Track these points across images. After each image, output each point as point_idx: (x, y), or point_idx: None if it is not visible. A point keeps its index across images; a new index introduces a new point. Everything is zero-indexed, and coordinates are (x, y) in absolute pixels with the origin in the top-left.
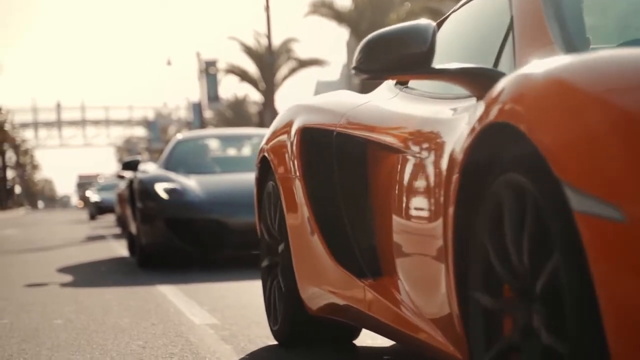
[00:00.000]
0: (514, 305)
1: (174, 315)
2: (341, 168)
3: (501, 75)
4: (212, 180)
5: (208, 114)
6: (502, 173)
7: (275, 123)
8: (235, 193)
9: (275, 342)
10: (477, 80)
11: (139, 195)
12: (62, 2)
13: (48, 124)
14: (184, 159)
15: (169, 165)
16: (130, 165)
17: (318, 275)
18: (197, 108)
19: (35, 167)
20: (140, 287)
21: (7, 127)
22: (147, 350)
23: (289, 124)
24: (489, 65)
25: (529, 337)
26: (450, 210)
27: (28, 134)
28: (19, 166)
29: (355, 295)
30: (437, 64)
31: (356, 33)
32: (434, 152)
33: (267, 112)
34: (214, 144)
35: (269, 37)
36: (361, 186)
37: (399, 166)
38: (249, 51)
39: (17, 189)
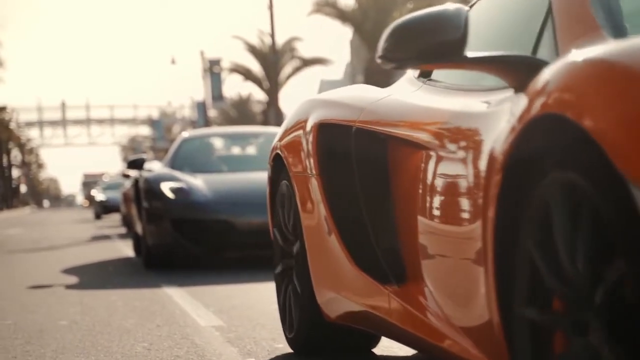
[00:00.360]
0: (566, 318)
1: (180, 317)
2: (361, 166)
3: (544, 63)
4: (219, 180)
5: (212, 113)
6: (550, 171)
7: (289, 119)
8: (243, 192)
9: (281, 345)
10: (517, 70)
11: (145, 194)
12: (65, 2)
13: (53, 123)
14: (190, 158)
15: (174, 164)
16: (136, 164)
17: (336, 280)
18: (201, 107)
19: (40, 166)
20: (145, 288)
21: (12, 125)
22: (152, 353)
23: (303, 120)
24: (526, 53)
25: (586, 355)
26: (491, 212)
27: (33, 133)
28: (24, 165)
29: (377, 301)
30: (469, 52)
31: (360, 32)
32: (468, 148)
33: (271, 111)
34: (220, 143)
35: (272, 36)
36: (382, 185)
37: (426, 164)
38: (252, 50)
39: (23, 188)
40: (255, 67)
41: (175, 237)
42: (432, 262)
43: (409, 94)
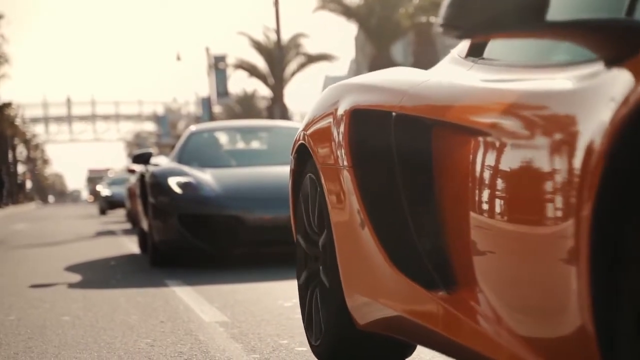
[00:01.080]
0: None
1: (183, 313)
2: (402, 156)
3: None
4: (229, 174)
5: (217, 109)
6: None
7: (317, 105)
8: (253, 187)
9: (286, 341)
10: (615, 37)
11: (151, 189)
12: None
13: (58, 119)
14: (198, 152)
15: (182, 158)
16: (142, 158)
17: (370, 283)
18: (206, 103)
19: (45, 161)
20: (148, 284)
21: (17, 122)
22: (156, 349)
23: (334, 107)
24: (618, 15)
25: None
26: (586, 211)
27: (38, 129)
28: (29, 161)
29: (418, 307)
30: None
31: (365, 28)
32: (546, 135)
33: (276, 107)
34: (229, 137)
35: (277, 32)
36: (427, 178)
37: (485, 153)
38: (258, 46)
39: (28, 184)
40: (261, 63)
41: (183, 234)
42: (491, 266)
43: (459, 75)
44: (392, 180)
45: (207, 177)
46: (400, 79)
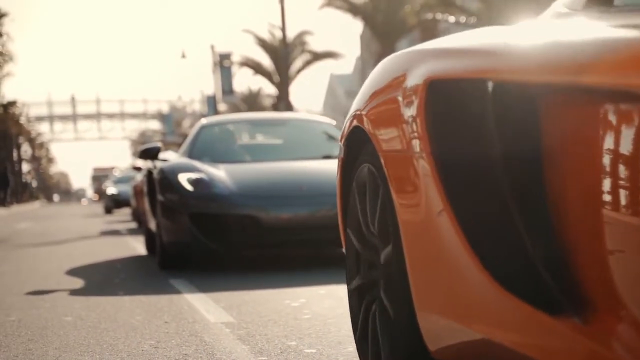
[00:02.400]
0: None
1: (188, 313)
2: (504, 137)
3: None
4: (243, 170)
5: (222, 107)
6: None
7: (376, 79)
8: (269, 184)
9: (294, 342)
10: None
11: (160, 186)
12: None
13: (63, 118)
14: (210, 146)
15: (192, 153)
16: (150, 153)
17: (456, 301)
18: (211, 101)
19: (50, 160)
20: (152, 283)
21: (22, 120)
22: (160, 351)
23: (401, 78)
24: None
25: None
26: None
27: (43, 128)
28: (34, 159)
29: (531, 338)
30: None
31: (371, 25)
32: None
33: (281, 105)
34: (243, 130)
35: (283, 29)
36: (540, 163)
37: (628, 128)
38: (263, 44)
39: (33, 182)
40: (266, 61)
41: (194, 234)
42: None
43: (582, 28)
44: (489, 168)
45: (220, 173)
46: (495, 38)
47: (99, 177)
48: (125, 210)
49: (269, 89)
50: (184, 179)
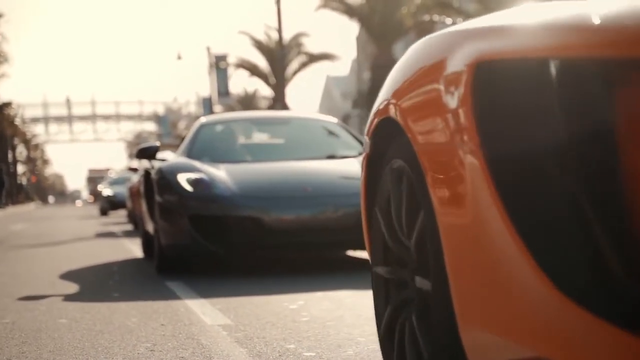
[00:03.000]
0: None
1: (184, 315)
2: (573, 125)
3: None
4: (245, 170)
5: (218, 108)
6: None
7: (409, 64)
8: (272, 185)
9: (293, 345)
10: None
11: (158, 187)
12: None
13: (58, 119)
14: (210, 146)
15: (192, 152)
16: (147, 153)
17: (506, 312)
18: (207, 103)
19: (45, 161)
20: (148, 284)
21: (17, 121)
22: (156, 354)
23: (441, 62)
24: None
25: None
26: None
27: (39, 129)
28: (29, 161)
29: (602, 354)
30: None
31: (367, 27)
32: None
33: (277, 107)
34: (243, 129)
35: (279, 31)
36: (616, 158)
37: None
38: (259, 46)
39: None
40: (262, 62)
41: (194, 237)
42: None
43: None
44: (552, 163)
45: (221, 173)
46: (556, 13)
47: (94, 179)
48: (121, 212)
49: (265, 91)
50: (183, 179)
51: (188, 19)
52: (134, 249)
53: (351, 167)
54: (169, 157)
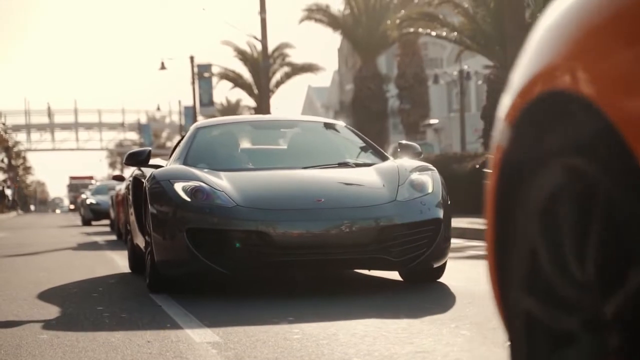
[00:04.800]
0: None
1: (171, 331)
2: None
3: None
4: (248, 179)
5: (201, 119)
6: None
7: (592, 5)
8: (280, 196)
9: None
10: None
11: (152, 196)
12: (57, 4)
13: (40, 128)
14: (207, 152)
15: (187, 159)
16: (138, 158)
17: None
18: (189, 112)
19: (27, 169)
20: (133, 298)
21: None
22: None
23: None
24: None
25: None
26: None
27: (20, 137)
28: (11, 169)
29: None
30: None
31: (351, 39)
32: None
33: None
34: (243, 133)
35: (264, 42)
36: None
37: None
38: (243, 56)
39: (9, 192)
40: (246, 73)
41: (192, 253)
42: None
43: None
44: None
45: (222, 182)
46: None
47: (76, 186)
48: (105, 221)
49: (248, 101)
50: (179, 187)
51: (172, 28)
52: (118, 259)
53: (368, 176)
54: (162, 163)
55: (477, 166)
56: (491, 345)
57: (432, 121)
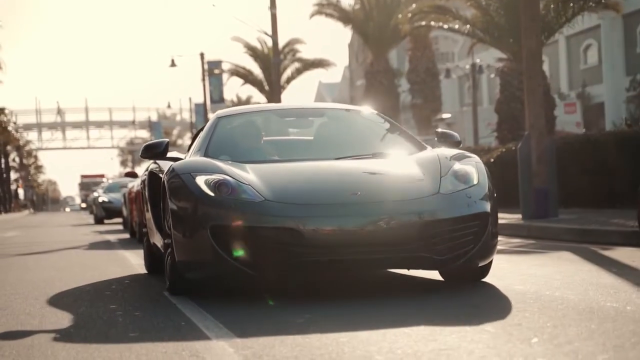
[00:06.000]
0: None
1: (187, 330)
2: None
3: None
4: (277, 171)
5: (211, 115)
6: None
7: None
8: (313, 189)
9: None
10: None
11: (172, 192)
12: (66, 2)
13: (51, 127)
14: (230, 142)
15: (208, 150)
16: (155, 150)
17: None
18: (200, 109)
19: (38, 168)
20: (146, 297)
21: (10, 128)
22: None
23: None
24: None
25: None
26: None
27: (32, 136)
28: (22, 168)
29: None
30: None
31: (362, 34)
32: None
33: None
34: (268, 122)
35: (274, 38)
36: None
37: None
38: (253, 52)
39: (21, 192)
40: (256, 69)
41: (217, 252)
42: None
43: None
44: None
45: (248, 175)
46: None
47: (88, 185)
48: (117, 219)
49: (259, 98)
50: (202, 181)
51: (181, 25)
52: (131, 258)
53: (406, 166)
54: (181, 156)
55: (492, 160)
56: (517, 341)
57: (445, 115)
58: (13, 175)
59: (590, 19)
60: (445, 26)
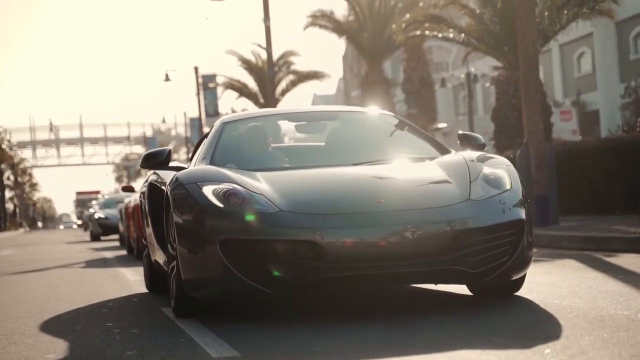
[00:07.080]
0: None
1: (186, 347)
2: None
3: None
4: (291, 179)
5: (207, 130)
6: None
7: None
8: (331, 198)
9: None
10: None
11: (176, 203)
12: (59, 18)
13: (46, 144)
14: (237, 149)
15: (215, 158)
16: (156, 160)
17: None
18: (195, 123)
19: (33, 186)
20: (144, 313)
21: (4, 146)
22: None
23: None
24: None
25: None
26: None
27: (26, 154)
28: (17, 186)
29: None
30: None
31: (357, 45)
32: None
33: None
34: (277, 128)
35: (268, 50)
36: None
37: None
38: (247, 65)
39: (16, 210)
40: (251, 82)
41: (227, 269)
42: None
43: None
44: None
45: (259, 184)
46: None
47: (83, 201)
48: (114, 236)
49: (254, 110)
50: (209, 191)
51: (175, 39)
52: (128, 275)
53: (431, 171)
54: (185, 165)
55: None
56: (530, 353)
57: (441, 125)
58: (8, 194)
59: (583, 27)
60: (440, 35)
